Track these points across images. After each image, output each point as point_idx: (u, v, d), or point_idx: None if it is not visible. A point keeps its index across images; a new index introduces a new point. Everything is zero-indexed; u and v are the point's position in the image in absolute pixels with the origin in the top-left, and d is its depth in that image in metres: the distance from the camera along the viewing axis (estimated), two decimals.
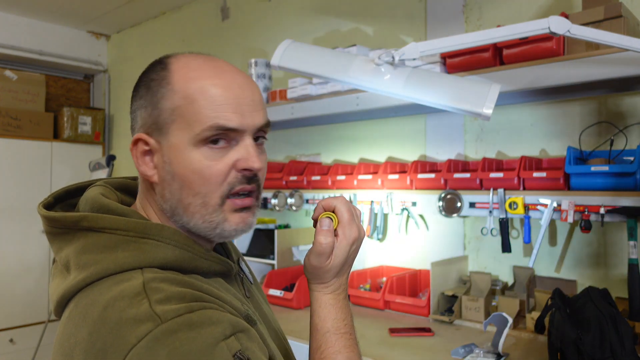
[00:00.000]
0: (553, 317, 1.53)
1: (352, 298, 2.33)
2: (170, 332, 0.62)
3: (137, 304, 0.65)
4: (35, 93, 4.22)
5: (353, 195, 2.38)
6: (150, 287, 0.66)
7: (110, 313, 0.65)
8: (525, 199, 1.86)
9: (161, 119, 0.75)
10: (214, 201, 0.75)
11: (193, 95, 0.74)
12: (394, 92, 1.23)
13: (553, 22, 1.19)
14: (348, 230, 0.82)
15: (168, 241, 0.73)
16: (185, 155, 0.74)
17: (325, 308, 0.82)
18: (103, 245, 0.71)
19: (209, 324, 0.65)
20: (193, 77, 0.75)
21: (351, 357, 0.80)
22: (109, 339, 0.63)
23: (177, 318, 0.63)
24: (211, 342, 0.63)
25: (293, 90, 2.55)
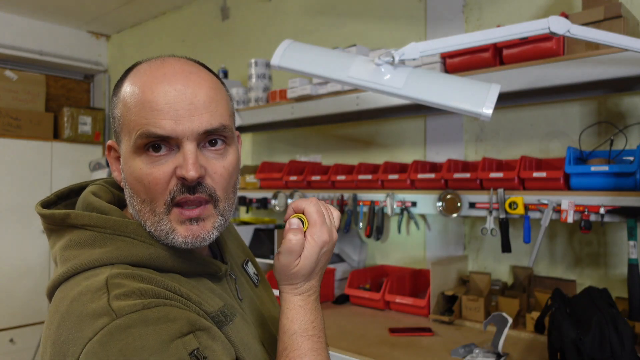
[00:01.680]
0: (553, 317, 1.53)
1: (352, 298, 2.34)
2: (124, 327, 0.62)
3: (98, 299, 0.65)
4: (36, 93, 4.22)
5: (353, 195, 2.39)
6: (112, 283, 0.67)
7: (75, 306, 0.66)
8: (525, 199, 1.86)
9: (116, 126, 0.77)
10: (159, 209, 0.73)
11: (129, 102, 0.73)
12: (394, 92, 1.23)
13: (553, 22, 1.19)
14: (318, 232, 0.78)
15: (143, 239, 0.74)
16: (130, 163, 0.74)
17: (293, 309, 0.78)
18: (83, 242, 0.73)
19: (165, 320, 0.64)
20: (133, 84, 0.74)
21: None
22: (71, 332, 0.64)
23: (132, 314, 0.63)
24: (166, 339, 0.63)
25: (293, 90, 2.55)
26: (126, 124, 0.74)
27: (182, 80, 0.73)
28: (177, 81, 0.73)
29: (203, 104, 0.73)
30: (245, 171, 3.07)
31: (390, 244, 2.64)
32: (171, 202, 0.73)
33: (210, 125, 0.74)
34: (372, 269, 2.50)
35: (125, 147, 0.75)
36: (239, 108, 2.87)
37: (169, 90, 0.72)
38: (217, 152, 0.77)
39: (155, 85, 0.72)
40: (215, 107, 0.75)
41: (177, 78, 0.73)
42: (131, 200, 0.76)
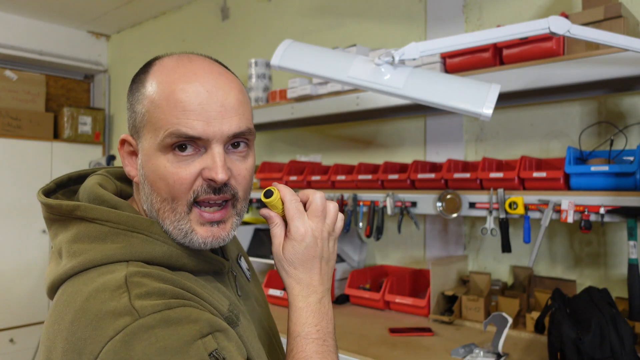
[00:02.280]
0: (553, 317, 1.53)
1: (352, 298, 2.34)
2: (147, 327, 0.63)
3: (118, 297, 0.65)
4: (35, 93, 4.22)
5: (353, 195, 2.39)
6: (131, 281, 0.67)
7: (92, 304, 0.65)
8: (525, 199, 1.86)
9: (137, 122, 0.76)
10: (181, 208, 0.74)
11: (158, 100, 0.73)
12: (394, 92, 1.23)
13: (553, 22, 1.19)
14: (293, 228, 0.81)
15: (157, 237, 0.74)
16: (153, 161, 0.74)
17: (295, 311, 0.79)
18: (94, 236, 0.72)
19: (186, 321, 0.65)
20: (161, 81, 0.73)
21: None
22: (88, 330, 0.64)
23: (155, 314, 0.64)
24: (188, 340, 0.64)
25: (293, 90, 2.55)
26: (152, 121, 0.73)
27: (213, 81, 0.73)
28: (208, 82, 0.73)
29: (233, 107, 0.74)
30: None
31: (390, 244, 2.64)
32: (193, 201, 0.74)
33: (239, 129, 0.74)
34: (372, 269, 2.50)
35: (149, 144, 0.74)
36: None
37: (201, 90, 0.72)
38: (240, 154, 0.77)
39: (187, 84, 0.72)
40: (244, 110, 0.76)
41: (209, 79, 0.73)
42: (150, 197, 0.76)
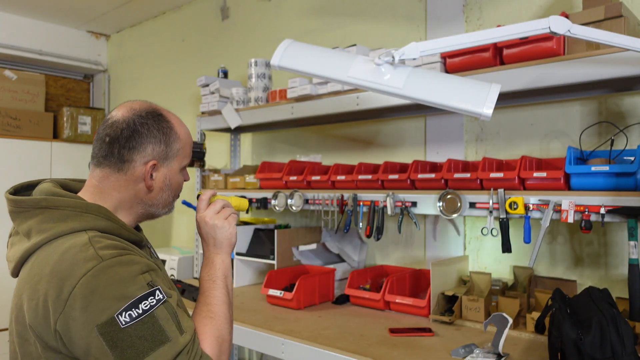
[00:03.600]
0: (553, 317, 1.53)
1: (352, 298, 2.34)
2: (108, 266, 0.98)
3: (85, 250, 1.00)
4: (35, 93, 4.22)
5: (353, 195, 2.38)
6: (93, 240, 1.02)
7: (66, 257, 0.99)
8: (525, 199, 1.86)
9: (172, 153, 1.20)
10: (175, 198, 1.25)
11: (186, 141, 1.23)
12: (394, 92, 1.23)
13: (553, 22, 1.19)
14: (199, 206, 1.29)
15: (102, 216, 1.09)
16: (177, 176, 1.23)
17: (203, 263, 1.25)
18: (57, 218, 1.06)
19: (132, 263, 1.02)
20: (182, 131, 1.23)
21: (215, 295, 1.18)
22: (65, 272, 0.97)
23: (112, 258, 0.99)
24: (134, 274, 1.00)
25: (293, 90, 2.54)
26: (183, 153, 1.22)
27: None
28: None
29: None
30: (245, 171, 3.06)
31: (390, 244, 2.64)
32: None
33: None
34: (372, 269, 2.50)
35: (176, 166, 1.21)
36: (239, 108, 2.87)
37: None
38: None
39: (189, 133, 1.27)
40: None
41: None
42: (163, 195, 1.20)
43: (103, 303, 0.95)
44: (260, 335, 1.98)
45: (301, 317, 2.16)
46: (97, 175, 1.15)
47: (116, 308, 0.95)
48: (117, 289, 0.96)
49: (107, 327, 0.94)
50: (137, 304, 0.97)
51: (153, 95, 4.34)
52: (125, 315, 0.95)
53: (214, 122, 3.03)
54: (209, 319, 1.13)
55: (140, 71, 4.52)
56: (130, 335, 0.95)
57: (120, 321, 0.95)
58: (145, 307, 0.98)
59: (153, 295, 1.00)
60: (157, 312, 0.99)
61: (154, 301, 0.99)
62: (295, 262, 2.68)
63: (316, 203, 2.55)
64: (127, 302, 0.96)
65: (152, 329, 0.97)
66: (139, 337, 0.96)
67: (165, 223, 4.06)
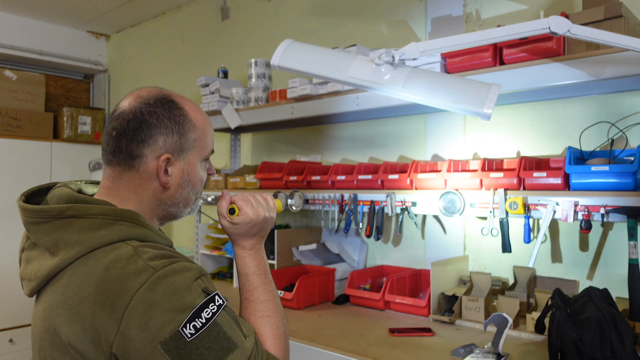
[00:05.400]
0: (553, 317, 1.53)
1: (352, 298, 2.34)
2: (162, 276, 0.89)
3: (134, 262, 0.90)
4: (35, 93, 4.22)
5: (353, 195, 2.38)
6: (139, 251, 0.93)
7: (113, 271, 0.89)
8: (525, 199, 1.86)
9: (188, 144, 1.07)
10: (199, 195, 1.13)
11: (204, 130, 1.10)
12: (394, 92, 1.23)
13: (553, 22, 1.19)
14: (243, 213, 1.14)
15: (136, 222, 0.99)
16: (196, 169, 1.10)
17: (241, 259, 1.15)
18: (88, 227, 0.94)
19: (185, 270, 0.93)
20: (200, 118, 1.10)
21: (268, 289, 1.12)
22: (115, 289, 0.88)
23: (165, 268, 0.91)
24: (189, 282, 0.92)
25: (293, 90, 2.54)
26: (201, 144, 1.09)
27: None
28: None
29: None
30: (245, 171, 3.06)
31: (390, 244, 2.64)
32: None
33: None
34: (372, 269, 2.50)
35: (195, 158, 1.09)
36: (239, 108, 2.87)
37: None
38: None
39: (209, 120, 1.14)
40: None
41: None
42: (184, 193, 1.09)
43: (164, 317, 0.87)
44: None
45: (301, 317, 2.16)
46: (109, 174, 1.05)
47: (179, 320, 0.87)
48: (176, 300, 0.88)
49: (172, 342, 0.86)
50: (199, 313, 0.90)
51: None
52: (190, 327, 0.88)
53: (214, 122, 3.03)
54: (267, 318, 1.07)
55: (140, 71, 4.52)
56: (198, 348, 0.88)
57: (186, 334, 0.87)
58: (208, 316, 0.91)
59: (213, 301, 0.93)
60: (219, 319, 0.92)
61: (215, 307, 0.92)
62: (295, 262, 2.68)
63: (316, 203, 2.55)
64: (189, 313, 0.88)
65: (217, 338, 0.90)
66: (206, 348, 0.89)
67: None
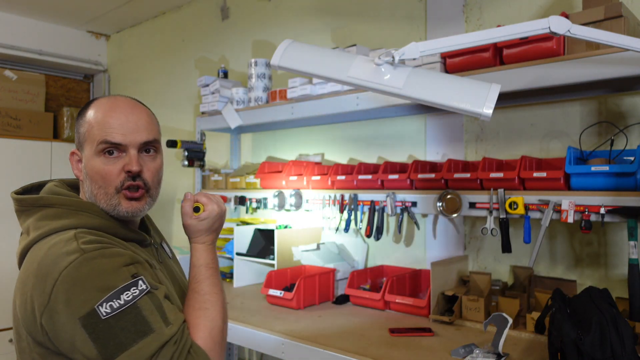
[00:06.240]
0: (553, 317, 1.53)
1: (352, 298, 2.34)
2: (90, 258, 0.98)
3: (69, 244, 1.00)
4: (35, 93, 4.22)
5: (353, 195, 2.38)
6: (78, 235, 1.03)
7: (51, 251, 1.01)
8: (525, 199, 1.86)
9: (80, 139, 1.15)
10: (110, 190, 1.12)
11: (92, 122, 1.13)
12: (394, 92, 1.23)
13: (553, 22, 1.19)
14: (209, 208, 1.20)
15: (96, 214, 1.10)
16: (92, 162, 1.12)
17: (198, 252, 1.19)
18: (52, 215, 1.09)
19: (116, 255, 1.01)
20: (94, 112, 1.14)
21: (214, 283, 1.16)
22: (49, 266, 0.98)
23: (95, 251, 0.99)
24: (117, 266, 0.99)
25: (293, 90, 2.55)
26: (90, 136, 1.12)
27: (129, 110, 1.15)
28: (126, 111, 1.14)
29: (143, 125, 1.14)
30: (245, 171, 3.06)
31: (390, 244, 2.64)
32: (120, 187, 1.12)
33: (147, 138, 1.14)
34: (372, 269, 2.50)
35: (88, 152, 1.12)
36: (239, 108, 2.87)
37: (120, 116, 1.13)
38: (150, 157, 1.16)
39: (110, 112, 1.13)
40: (151, 128, 1.16)
41: (126, 109, 1.15)
42: (90, 187, 1.13)
43: (84, 295, 0.95)
44: (260, 335, 1.98)
45: (301, 317, 2.16)
46: None
47: (97, 299, 0.94)
48: (98, 281, 0.96)
49: (89, 319, 0.94)
50: (118, 294, 0.96)
51: (153, 95, 4.34)
52: (106, 307, 0.94)
53: (214, 122, 3.03)
54: (204, 310, 1.10)
55: (140, 71, 4.52)
56: (112, 327, 0.94)
57: (101, 312, 0.94)
58: (128, 298, 0.97)
59: (136, 285, 0.99)
60: (140, 302, 0.97)
61: (137, 291, 0.98)
62: (295, 262, 2.68)
63: (316, 203, 2.55)
64: (108, 293, 0.95)
65: (134, 320, 0.96)
66: (121, 328, 0.95)
67: (166, 223, 4.06)
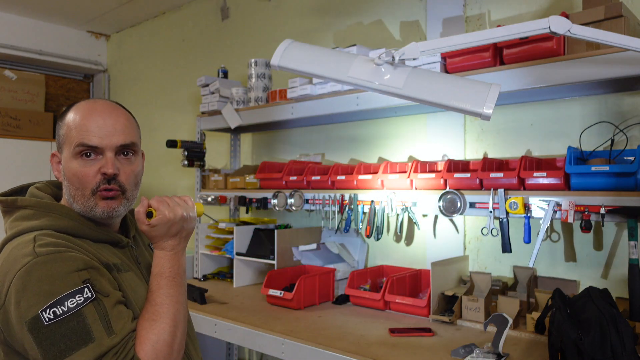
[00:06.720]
0: (553, 318, 1.53)
1: (352, 298, 2.33)
2: (41, 262, 0.99)
3: (26, 247, 1.02)
4: (35, 93, 4.22)
5: (353, 195, 2.38)
6: (37, 238, 1.04)
7: (12, 252, 1.03)
8: (525, 199, 1.86)
9: (60, 141, 1.17)
10: (87, 192, 1.13)
11: (70, 125, 1.14)
12: (394, 92, 1.23)
13: (553, 22, 1.19)
14: (161, 213, 1.13)
15: (65, 215, 1.12)
16: (69, 164, 1.14)
17: (157, 258, 1.15)
18: (24, 217, 1.11)
19: (68, 260, 1.01)
20: (75, 114, 1.15)
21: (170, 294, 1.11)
22: (7, 268, 1.01)
23: (48, 255, 1.00)
24: (68, 271, 0.99)
25: (293, 90, 2.54)
26: (67, 139, 1.14)
27: (107, 114, 1.15)
28: (104, 114, 1.15)
29: (120, 129, 1.15)
30: (245, 171, 3.06)
31: (390, 244, 2.64)
32: (96, 189, 1.13)
33: (124, 141, 1.15)
34: (372, 269, 2.50)
35: (66, 154, 1.14)
36: (239, 108, 2.87)
37: (98, 119, 1.14)
38: (127, 159, 1.17)
39: (88, 115, 1.14)
40: (129, 131, 1.17)
41: (104, 112, 1.16)
42: (68, 188, 1.15)
43: (31, 299, 0.96)
44: (260, 335, 1.98)
45: (301, 317, 2.16)
46: None
47: (42, 304, 0.95)
48: (46, 286, 0.96)
49: (34, 323, 0.95)
50: (63, 301, 0.96)
51: (153, 95, 4.34)
52: (50, 313, 0.95)
53: (214, 122, 3.03)
54: (151, 322, 1.05)
55: (140, 71, 4.52)
56: (54, 333, 0.95)
57: (44, 318, 0.95)
58: (72, 305, 0.96)
59: (81, 293, 0.98)
60: (84, 310, 0.97)
61: (82, 299, 0.98)
62: (295, 262, 2.68)
63: (316, 203, 2.55)
64: (52, 299, 0.95)
65: (76, 328, 0.96)
66: (62, 335, 0.95)
67: None
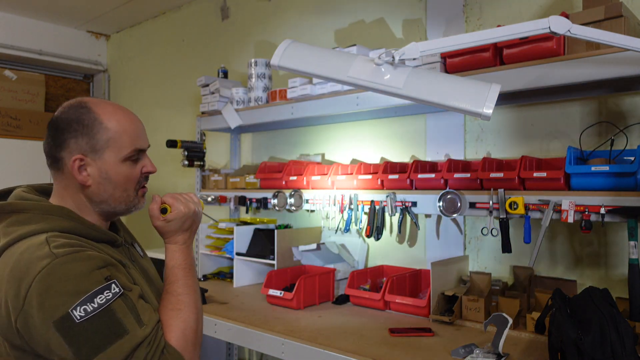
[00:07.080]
0: (553, 318, 1.53)
1: (352, 298, 2.33)
2: (62, 263, 0.99)
3: (41, 249, 1.01)
4: (35, 93, 4.22)
5: (354, 195, 2.38)
6: (50, 239, 1.04)
7: (23, 257, 1.02)
8: (525, 199, 1.86)
9: (96, 146, 1.15)
10: (132, 192, 1.20)
11: (118, 130, 1.16)
12: (394, 92, 1.23)
13: (553, 21, 1.19)
14: (176, 209, 1.21)
15: (65, 217, 1.11)
16: (117, 169, 1.16)
17: (171, 252, 1.21)
18: (21, 221, 1.09)
19: (88, 259, 1.02)
20: (114, 119, 1.16)
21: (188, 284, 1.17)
22: (23, 271, 1.00)
23: (67, 255, 1.00)
24: (90, 269, 1.01)
25: (293, 90, 2.54)
26: (115, 143, 1.15)
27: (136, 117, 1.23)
28: (135, 116, 1.23)
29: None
30: (245, 171, 3.06)
31: (391, 244, 2.64)
32: (139, 187, 1.22)
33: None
34: (372, 269, 2.50)
35: (113, 158, 1.15)
36: (239, 108, 2.87)
37: (137, 122, 1.21)
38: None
39: (129, 120, 1.20)
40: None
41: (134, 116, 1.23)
42: (110, 191, 1.16)
43: (58, 299, 0.97)
44: (260, 335, 1.98)
45: (301, 317, 2.16)
46: (52, 177, 1.21)
47: (71, 303, 0.96)
48: (71, 285, 0.98)
49: (63, 323, 0.96)
50: (92, 298, 0.98)
51: (153, 95, 4.34)
52: (80, 310, 0.97)
53: (214, 122, 3.03)
54: (177, 311, 1.11)
55: (140, 71, 4.52)
56: (86, 330, 0.97)
57: (75, 316, 0.96)
58: (101, 301, 0.99)
59: (109, 288, 1.01)
60: (113, 305, 1.00)
61: (110, 294, 1.00)
62: (295, 262, 2.68)
63: (316, 203, 2.55)
64: (81, 297, 0.97)
65: (108, 323, 0.98)
66: (94, 331, 0.97)
67: None
